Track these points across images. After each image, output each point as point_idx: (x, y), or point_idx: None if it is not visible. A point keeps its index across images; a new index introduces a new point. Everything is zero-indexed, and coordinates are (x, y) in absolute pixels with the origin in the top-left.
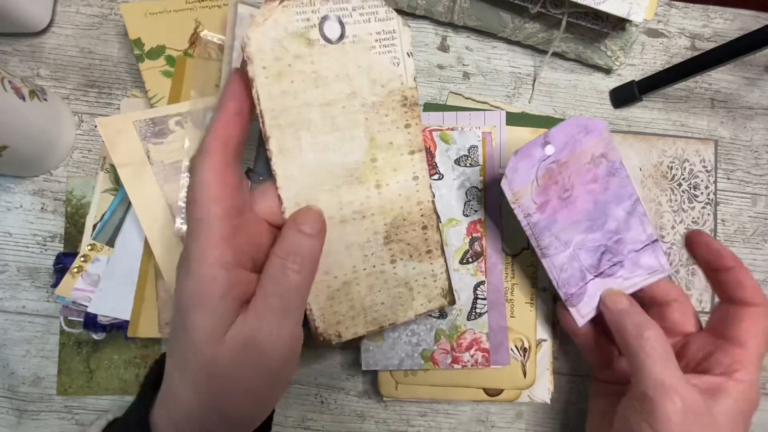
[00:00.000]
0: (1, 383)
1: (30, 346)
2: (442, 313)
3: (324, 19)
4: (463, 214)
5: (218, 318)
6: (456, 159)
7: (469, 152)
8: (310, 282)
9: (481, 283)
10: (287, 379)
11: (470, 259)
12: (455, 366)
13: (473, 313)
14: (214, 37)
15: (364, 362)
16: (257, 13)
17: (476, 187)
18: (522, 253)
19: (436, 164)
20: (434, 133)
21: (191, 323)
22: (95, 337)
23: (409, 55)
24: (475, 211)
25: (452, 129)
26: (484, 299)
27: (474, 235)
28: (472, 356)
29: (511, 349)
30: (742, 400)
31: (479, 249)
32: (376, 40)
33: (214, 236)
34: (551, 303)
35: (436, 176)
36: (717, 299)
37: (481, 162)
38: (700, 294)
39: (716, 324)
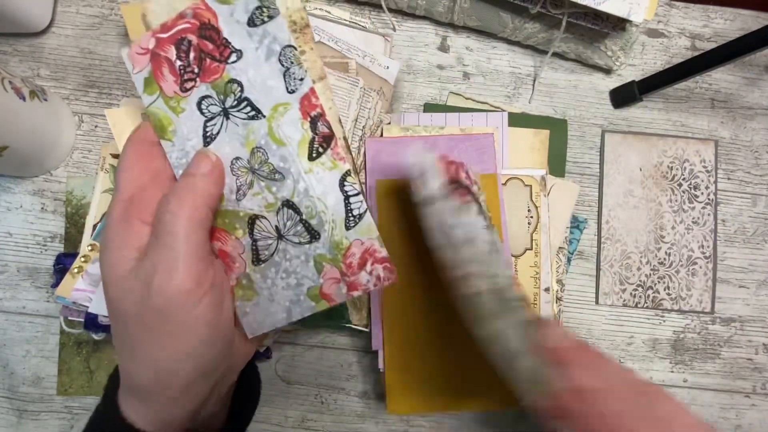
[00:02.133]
0: (1, 383)
1: (30, 346)
2: (313, 234)
3: None
4: (288, 91)
5: (112, 261)
6: (248, 19)
7: (261, 2)
8: (191, 222)
9: (346, 174)
10: (189, 332)
11: (320, 149)
12: (354, 293)
13: (350, 218)
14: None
15: (247, 329)
16: None
17: (290, 46)
18: (524, 253)
19: (226, 40)
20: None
21: (104, 278)
22: (95, 337)
23: None
24: (301, 79)
25: None
26: (358, 194)
27: (312, 113)
28: (371, 273)
29: None
30: None
31: (327, 129)
32: None
33: (118, 197)
34: (554, 303)
35: (233, 57)
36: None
37: (278, 5)
38: (700, 294)
39: None
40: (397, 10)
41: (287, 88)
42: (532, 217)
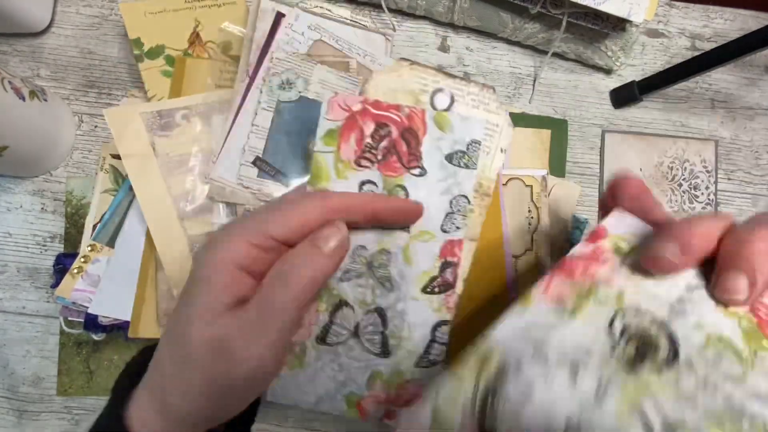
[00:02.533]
0: (1, 383)
1: (30, 347)
2: (385, 351)
3: (437, 90)
4: (441, 230)
5: (216, 300)
6: (448, 154)
7: (467, 149)
8: (301, 303)
9: (444, 322)
10: (247, 396)
11: (437, 289)
12: (388, 421)
13: (425, 360)
14: (234, 29)
15: (270, 393)
16: (385, 63)
17: (466, 197)
18: (524, 253)
19: (420, 154)
20: (426, 113)
21: (195, 299)
22: (95, 337)
23: (501, 151)
24: (458, 228)
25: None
26: (444, 344)
27: (449, 258)
28: None
29: None
30: None
31: (450, 278)
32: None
33: (238, 237)
34: None
35: (417, 170)
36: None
37: (478, 165)
38: None
39: None
40: (397, 10)
41: (442, 227)
42: (532, 217)
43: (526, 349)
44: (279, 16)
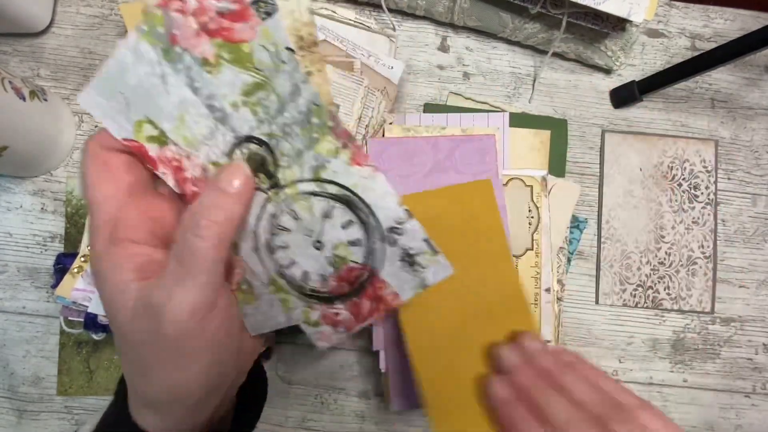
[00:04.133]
0: (1, 383)
1: (30, 346)
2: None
3: None
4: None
5: (116, 287)
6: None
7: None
8: (217, 246)
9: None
10: (200, 351)
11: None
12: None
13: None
14: None
15: (250, 328)
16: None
17: (291, 49)
18: (525, 253)
19: None
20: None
21: (102, 297)
22: (95, 337)
23: None
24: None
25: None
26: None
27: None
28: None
29: None
30: None
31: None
32: None
33: (101, 217)
34: (555, 303)
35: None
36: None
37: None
38: (700, 294)
39: None
40: (397, 10)
41: None
42: (533, 217)
43: None
44: None
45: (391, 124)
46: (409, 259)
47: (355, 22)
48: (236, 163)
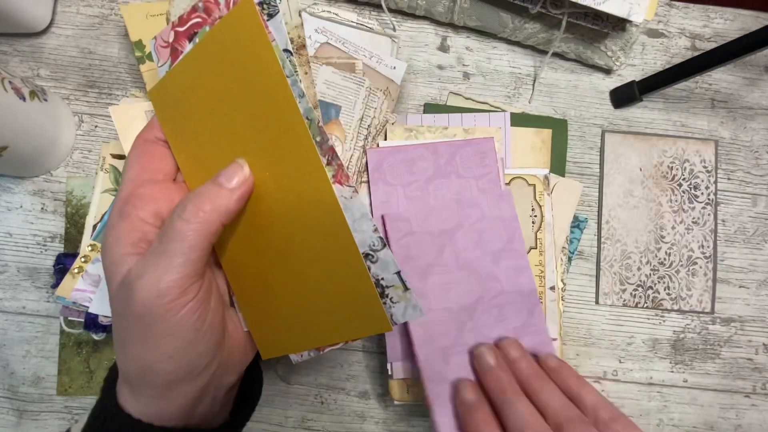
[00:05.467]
0: (1, 383)
1: (30, 346)
2: None
3: None
4: None
5: (110, 259)
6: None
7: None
8: (200, 232)
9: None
10: (186, 327)
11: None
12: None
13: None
14: None
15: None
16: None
17: (288, 51)
18: (529, 252)
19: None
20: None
21: (104, 268)
22: (95, 337)
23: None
24: (300, 96)
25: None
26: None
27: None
28: None
29: None
30: None
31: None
32: None
33: (120, 194)
34: (559, 301)
35: None
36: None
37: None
38: (700, 294)
39: None
40: (397, 10)
41: None
42: (536, 216)
43: None
44: None
45: (393, 124)
46: (380, 290)
47: (357, 23)
48: (237, 163)
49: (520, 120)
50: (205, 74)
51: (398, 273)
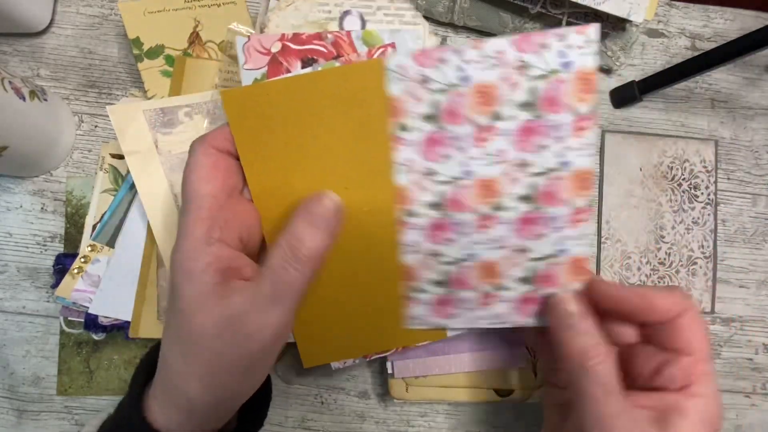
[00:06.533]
0: (1, 383)
1: (30, 346)
2: None
3: (345, 13)
4: None
5: (201, 288)
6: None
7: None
8: (309, 277)
9: None
10: (265, 367)
11: None
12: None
13: None
14: (242, 29)
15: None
16: None
17: None
18: None
19: None
20: (353, 34)
21: (179, 294)
22: (95, 337)
23: None
24: None
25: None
26: None
27: None
28: None
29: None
30: (701, 420)
31: None
32: None
33: (200, 213)
34: None
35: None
36: None
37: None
38: (700, 294)
39: (653, 334)
40: None
41: None
42: None
43: None
44: None
45: None
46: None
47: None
48: (326, 193)
49: None
50: (318, 103)
51: None
